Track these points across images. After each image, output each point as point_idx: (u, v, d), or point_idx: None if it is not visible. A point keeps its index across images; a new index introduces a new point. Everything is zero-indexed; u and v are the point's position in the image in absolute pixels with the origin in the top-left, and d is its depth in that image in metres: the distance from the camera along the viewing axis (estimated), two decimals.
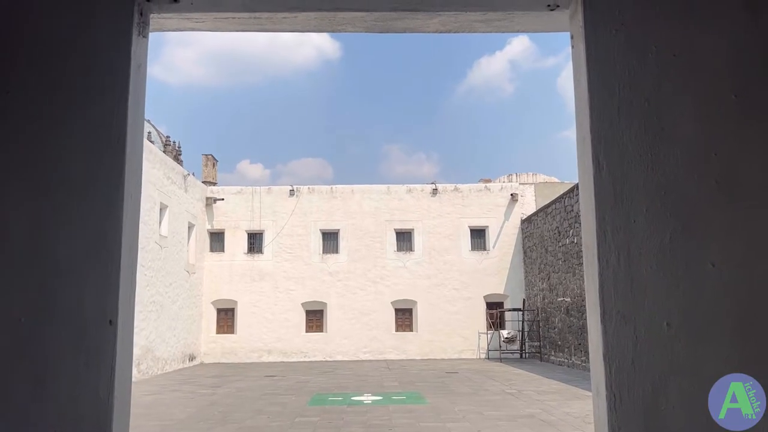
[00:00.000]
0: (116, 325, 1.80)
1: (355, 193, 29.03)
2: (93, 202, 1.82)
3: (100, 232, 1.82)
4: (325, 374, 20.89)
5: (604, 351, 1.76)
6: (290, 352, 27.79)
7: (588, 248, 1.89)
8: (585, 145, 1.89)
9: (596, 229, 1.81)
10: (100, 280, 1.79)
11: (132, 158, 1.92)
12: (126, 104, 1.89)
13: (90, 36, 1.88)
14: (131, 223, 1.93)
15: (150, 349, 21.54)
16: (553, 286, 24.11)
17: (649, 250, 1.77)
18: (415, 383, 17.64)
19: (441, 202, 28.91)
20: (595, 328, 1.82)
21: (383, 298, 28.14)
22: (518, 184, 30.10)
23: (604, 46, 1.86)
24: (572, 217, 21.97)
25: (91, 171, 1.84)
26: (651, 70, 1.84)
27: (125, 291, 1.86)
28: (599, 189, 1.82)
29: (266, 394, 15.61)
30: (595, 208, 1.82)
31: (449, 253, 28.48)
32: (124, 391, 1.85)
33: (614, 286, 1.77)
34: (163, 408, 13.41)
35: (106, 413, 1.74)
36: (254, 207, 28.84)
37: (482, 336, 27.73)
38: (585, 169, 1.89)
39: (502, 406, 12.85)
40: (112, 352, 1.78)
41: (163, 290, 22.92)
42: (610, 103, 1.84)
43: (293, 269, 28.32)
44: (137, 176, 2.00)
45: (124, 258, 1.86)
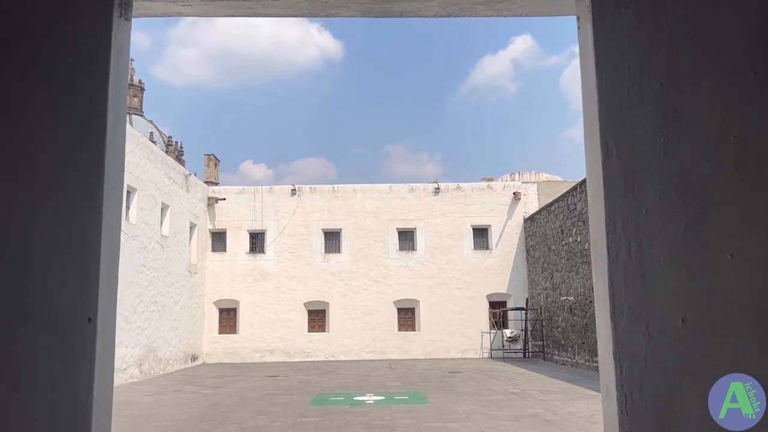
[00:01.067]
0: (95, 324, 1.69)
1: (357, 193, 28.93)
2: (71, 193, 1.72)
3: (78, 225, 1.71)
4: (327, 374, 20.79)
5: (614, 349, 1.65)
6: (293, 352, 27.70)
7: (596, 241, 1.78)
8: (593, 132, 1.78)
9: (605, 219, 1.70)
10: (77, 275, 1.69)
11: (113, 148, 1.82)
12: (106, 90, 1.78)
13: (67, 17, 1.78)
14: (112, 216, 1.82)
15: (152, 349, 21.47)
16: (557, 285, 23.98)
17: (663, 242, 1.65)
18: (417, 383, 17.53)
19: (443, 201, 28.79)
20: (605, 325, 1.71)
21: (386, 298, 28.03)
22: (521, 183, 29.96)
23: (613, 25, 1.75)
24: (575, 216, 21.84)
25: (69, 161, 1.73)
26: (663, 49, 1.73)
27: (106, 287, 1.76)
28: (608, 177, 1.71)
29: (268, 394, 15.51)
30: (604, 198, 1.71)
31: (452, 252, 28.36)
32: (105, 394, 1.75)
33: (625, 280, 1.66)
34: (164, 408, 13.32)
35: (84, 418, 1.63)
36: (256, 207, 28.76)
37: (485, 335, 27.60)
38: (593, 156, 1.78)
39: (505, 406, 12.73)
40: (91, 352, 1.67)
41: (164, 290, 22.84)
42: (619, 85, 1.72)
43: (295, 269, 28.22)
44: (119, 166, 1.90)
45: (105, 252, 1.75)
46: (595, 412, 11.62)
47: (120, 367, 18.84)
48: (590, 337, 20.40)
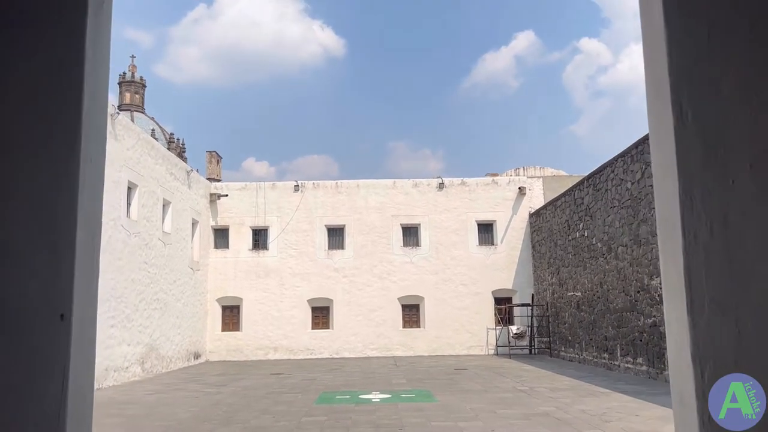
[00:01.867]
0: (69, 321, 1.41)
1: (360, 188, 28.64)
2: (40, 170, 1.43)
3: (49, 206, 1.43)
4: (332, 372, 20.54)
5: (693, 350, 1.36)
6: (296, 349, 27.46)
7: (666, 220, 1.49)
8: (660, 90, 1.49)
9: (679, 193, 1.41)
10: (48, 264, 1.41)
11: (92, 114, 1.54)
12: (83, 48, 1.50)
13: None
14: (91, 196, 1.54)
15: (154, 347, 21.24)
16: (563, 281, 23.67)
17: (755, 218, 1.37)
18: (423, 380, 17.26)
19: (448, 197, 28.48)
20: (679, 320, 1.43)
21: (390, 294, 27.76)
22: (526, 178, 29.64)
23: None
24: (582, 210, 21.53)
25: (39, 130, 1.45)
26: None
27: (83, 279, 1.48)
28: (683, 143, 1.42)
29: (272, 392, 15.26)
30: (678, 167, 1.42)
31: (456, 248, 28.07)
32: (82, 403, 1.47)
33: (706, 266, 1.38)
34: (166, 408, 13.07)
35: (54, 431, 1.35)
36: (258, 203, 28.49)
37: (491, 332, 27.33)
38: (660, 119, 1.50)
39: (514, 404, 12.46)
40: (64, 353, 1.39)
41: (167, 288, 22.60)
42: (696, 30, 1.43)
43: (298, 265, 27.96)
44: (99, 138, 1.61)
45: (81, 238, 1.47)
46: (608, 410, 11.35)
47: (122, 365, 18.62)
48: (598, 332, 20.11)
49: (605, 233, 19.46)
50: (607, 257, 19.27)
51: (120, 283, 18.58)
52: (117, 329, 18.34)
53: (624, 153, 18.04)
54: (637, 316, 17.19)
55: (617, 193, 18.50)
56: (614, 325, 18.77)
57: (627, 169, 17.80)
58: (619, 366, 18.39)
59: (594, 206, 20.39)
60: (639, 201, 16.96)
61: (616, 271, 18.57)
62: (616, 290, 18.60)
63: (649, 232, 16.36)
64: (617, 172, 18.52)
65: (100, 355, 17.20)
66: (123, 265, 18.83)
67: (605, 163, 19.49)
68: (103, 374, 17.35)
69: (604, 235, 19.57)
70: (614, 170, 18.75)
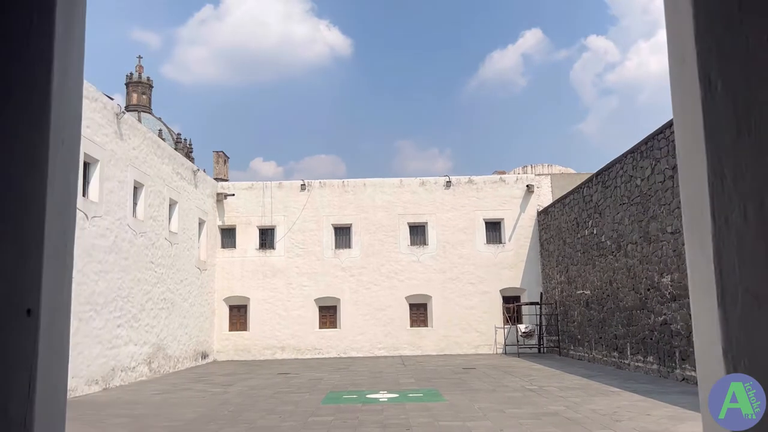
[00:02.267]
0: (38, 317, 1.29)
1: (367, 187, 28.52)
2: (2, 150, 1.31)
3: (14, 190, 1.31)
4: (339, 371, 20.43)
5: (725, 347, 1.23)
6: (304, 348, 27.38)
7: (692, 203, 1.35)
8: (686, 60, 1.35)
9: (708, 173, 1.28)
10: (12, 254, 1.28)
11: (63, 93, 1.41)
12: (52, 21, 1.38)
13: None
14: (64, 183, 1.42)
15: (161, 347, 21.20)
16: (572, 279, 23.47)
17: None
18: (431, 380, 17.12)
19: (455, 195, 28.32)
20: (708, 313, 1.29)
21: (397, 293, 27.63)
22: (534, 176, 29.41)
23: None
24: (591, 208, 21.32)
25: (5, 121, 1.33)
26: None
27: (53, 271, 1.35)
28: (711, 116, 1.28)
29: (279, 392, 15.16)
30: (706, 144, 1.28)
31: (464, 246, 27.90)
32: (53, 405, 1.34)
33: (739, 254, 1.24)
34: (172, 408, 13.00)
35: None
36: (265, 202, 28.43)
37: (499, 331, 27.15)
38: (685, 92, 1.36)
39: (523, 404, 12.30)
40: (31, 353, 1.27)
41: (173, 287, 22.56)
42: None
43: (306, 265, 27.88)
44: (73, 119, 1.49)
45: (51, 225, 1.34)
46: (618, 410, 11.17)
47: (129, 365, 18.58)
48: (607, 331, 19.90)
49: (614, 231, 19.25)
50: (617, 255, 19.06)
51: (126, 283, 18.54)
52: (124, 329, 18.30)
53: (633, 149, 17.82)
54: (647, 314, 16.98)
55: (626, 190, 18.29)
56: (624, 324, 18.57)
57: (636, 165, 17.58)
58: (629, 365, 18.18)
59: (603, 203, 20.18)
60: (649, 198, 16.75)
61: (626, 268, 18.36)
62: (626, 288, 18.39)
63: (659, 229, 16.15)
64: (626, 169, 18.31)
65: (107, 355, 17.17)
66: (129, 264, 18.79)
67: (614, 159, 19.28)
68: (110, 374, 17.32)
69: (613, 233, 19.36)
70: (623, 167, 18.54)
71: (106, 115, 17.58)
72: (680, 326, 15.14)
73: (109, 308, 17.42)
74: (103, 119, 17.41)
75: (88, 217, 16.28)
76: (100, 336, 16.86)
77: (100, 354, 16.76)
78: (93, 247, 16.50)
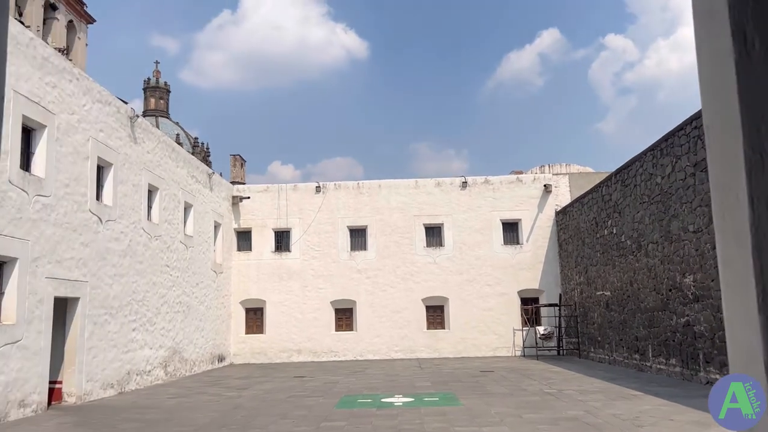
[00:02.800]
0: None
1: (382, 189, 28.32)
2: None
3: None
4: (355, 374, 20.23)
5: (766, 358, 1.00)
6: (320, 351, 27.23)
7: (724, 187, 1.12)
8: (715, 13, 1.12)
9: (744, 149, 1.05)
10: None
11: None
12: None
13: None
14: None
15: (177, 350, 21.17)
16: (591, 280, 23.05)
17: None
18: (448, 383, 16.85)
19: (471, 196, 28.01)
20: (746, 319, 1.06)
21: (413, 295, 27.38)
22: (551, 175, 28.99)
23: None
24: (610, 207, 20.90)
25: None
26: None
27: None
28: (747, 80, 1.06)
29: (293, 396, 15.00)
30: (741, 113, 1.05)
31: (481, 247, 27.57)
32: None
33: None
34: (185, 412, 12.89)
35: None
36: (281, 205, 28.35)
37: (517, 333, 26.77)
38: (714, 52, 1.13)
39: (542, 408, 11.99)
40: None
41: (189, 290, 22.54)
42: None
43: (321, 267, 27.74)
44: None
45: None
46: (640, 414, 10.83)
47: (144, 369, 18.55)
48: (628, 333, 19.47)
49: (634, 230, 18.83)
50: (637, 255, 18.65)
51: (141, 287, 18.52)
52: (139, 333, 18.28)
53: (653, 147, 17.42)
54: (669, 316, 16.56)
55: (646, 188, 17.88)
56: (645, 325, 18.14)
57: (656, 163, 17.17)
58: (650, 367, 17.76)
59: (622, 202, 19.77)
60: (669, 196, 16.34)
61: (647, 269, 17.94)
62: (647, 289, 17.97)
63: (680, 228, 15.74)
64: (646, 167, 17.90)
65: (122, 359, 17.14)
66: (144, 268, 18.77)
67: (633, 157, 18.87)
68: (126, 378, 17.29)
69: (633, 232, 18.94)
70: (643, 165, 18.13)
71: (119, 119, 17.58)
72: (704, 328, 14.72)
73: (124, 312, 17.40)
74: (117, 123, 17.42)
75: (102, 221, 16.27)
76: (116, 340, 16.84)
77: (115, 358, 16.73)
78: (107, 251, 16.48)
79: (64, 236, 14.43)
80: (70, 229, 14.67)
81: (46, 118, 13.92)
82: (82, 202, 15.29)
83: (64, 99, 14.74)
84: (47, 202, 13.81)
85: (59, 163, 14.40)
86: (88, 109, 15.84)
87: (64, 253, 14.38)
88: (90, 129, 15.86)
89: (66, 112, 14.79)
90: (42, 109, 13.79)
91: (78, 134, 15.29)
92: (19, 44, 13.09)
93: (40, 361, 13.21)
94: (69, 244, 14.62)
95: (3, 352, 12.06)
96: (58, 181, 14.31)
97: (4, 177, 12.35)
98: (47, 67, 14.06)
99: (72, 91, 15.10)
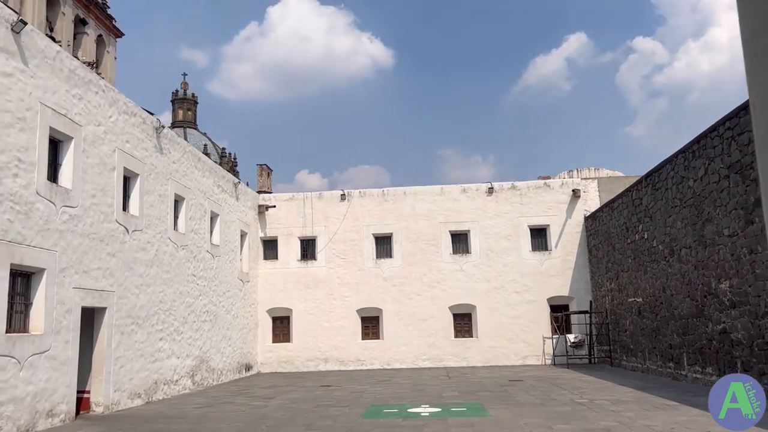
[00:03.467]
0: None
1: (407, 196, 28.14)
2: None
3: None
4: (381, 383, 20.03)
5: None
6: (347, 360, 27.09)
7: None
8: None
9: None
10: None
11: None
12: None
13: None
14: None
15: (204, 359, 21.22)
16: (623, 286, 22.51)
17: None
18: (476, 393, 16.54)
19: (498, 202, 27.66)
20: None
21: (440, 303, 27.08)
22: (580, 180, 28.49)
23: None
24: (641, 211, 20.41)
25: None
26: None
27: None
28: None
29: (319, 405, 14.86)
30: None
31: (508, 254, 27.18)
32: None
33: None
34: (210, 422, 12.83)
35: None
36: (306, 213, 28.37)
37: (547, 341, 26.27)
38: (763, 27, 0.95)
39: (573, 419, 11.65)
40: None
41: (216, 300, 22.62)
42: None
43: (347, 275, 27.64)
44: None
45: None
46: (676, 426, 10.44)
47: (172, 378, 18.61)
48: (662, 340, 18.92)
49: (666, 235, 18.33)
50: (670, 260, 18.13)
51: (168, 296, 18.62)
52: (166, 342, 18.35)
53: (684, 149, 16.94)
54: (704, 323, 16.03)
55: (678, 191, 17.39)
56: (679, 333, 17.61)
57: (689, 165, 16.70)
58: (686, 376, 17.21)
59: (653, 207, 19.28)
60: (703, 199, 15.85)
61: (680, 274, 17.42)
62: (681, 295, 17.45)
63: (715, 232, 15.25)
64: (678, 170, 17.42)
65: (149, 369, 17.21)
66: (171, 278, 18.87)
67: (664, 160, 18.39)
68: (153, 387, 17.35)
69: (665, 237, 18.44)
70: (674, 168, 17.65)
71: (145, 130, 17.74)
72: (741, 335, 14.19)
73: (151, 321, 17.49)
74: (143, 134, 17.58)
75: (128, 231, 16.40)
76: (143, 349, 16.92)
77: (142, 367, 16.81)
78: (134, 261, 16.60)
79: (91, 246, 14.56)
80: (96, 239, 14.80)
81: (72, 130, 14.09)
82: (108, 213, 15.43)
83: (91, 111, 14.92)
84: (74, 212, 13.95)
85: (86, 174, 14.55)
86: (114, 121, 16.01)
87: (90, 264, 14.51)
88: (116, 140, 16.03)
89: (92, 124, 14.96)
90: (69, 121, 13.96)
91: (104, 145, 15.45)
92: (47, 58, 13.28)
93: (68, 371, 13.30)
94: (96, 255, 14.74)
95: (31, 362, 12.16)
96: (85, 192, 14.46)
97: (32, 188, 12.51)
98: (74, 80, 14.24)
99: (98, 102, 15.28)
